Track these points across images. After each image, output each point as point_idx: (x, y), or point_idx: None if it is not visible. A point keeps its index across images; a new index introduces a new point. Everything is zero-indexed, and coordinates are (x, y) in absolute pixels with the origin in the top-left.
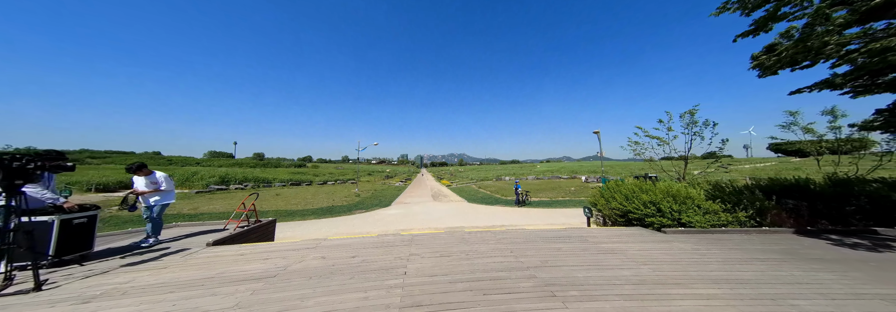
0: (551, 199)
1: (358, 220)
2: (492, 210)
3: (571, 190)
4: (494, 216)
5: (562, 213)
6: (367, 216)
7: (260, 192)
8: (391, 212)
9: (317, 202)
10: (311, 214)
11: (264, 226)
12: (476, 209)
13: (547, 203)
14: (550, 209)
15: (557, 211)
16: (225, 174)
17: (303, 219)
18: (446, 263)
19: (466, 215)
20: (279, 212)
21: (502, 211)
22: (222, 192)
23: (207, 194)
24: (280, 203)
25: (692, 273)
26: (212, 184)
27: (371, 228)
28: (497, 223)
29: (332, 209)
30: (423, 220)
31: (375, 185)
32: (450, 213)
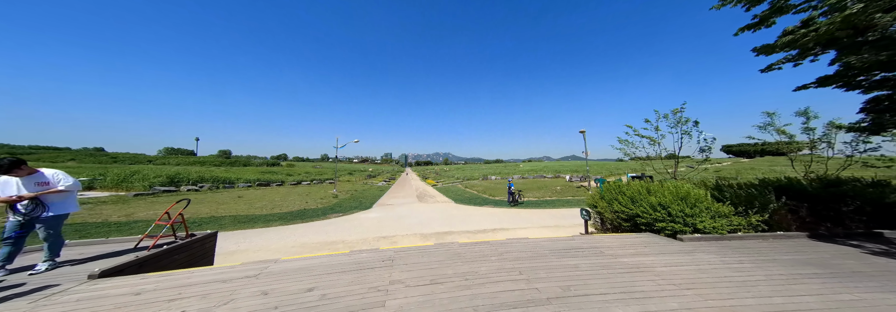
0: (539, 198)
1: (332, 226)
2: (481, 212)
3: (557, 189)
4: (485, 218)
5: (553, 214)
6: (343, 221)
7: (220, 194)
8: (372, 215)
9: (286, 205)
10: (277, 219)
11: (197, 243)
12: (465, 211)
13: (536, 203)
14: (541, 210)
15: (548, 212)
16: (176, 174)
17: (265, 226)
18: (441, 295)
19: (454, 217)
20: (237, 218)
21: (492, 212)
22: (169, 194)
23: (150, 196)
24: (240, 207)
25: (748, 300)
26: (157, 185)
27: (346, 235)
28: (489, 226)
29: (304, 213)
30: (408, 224)
31: (356, 185)
32: (437, 215)
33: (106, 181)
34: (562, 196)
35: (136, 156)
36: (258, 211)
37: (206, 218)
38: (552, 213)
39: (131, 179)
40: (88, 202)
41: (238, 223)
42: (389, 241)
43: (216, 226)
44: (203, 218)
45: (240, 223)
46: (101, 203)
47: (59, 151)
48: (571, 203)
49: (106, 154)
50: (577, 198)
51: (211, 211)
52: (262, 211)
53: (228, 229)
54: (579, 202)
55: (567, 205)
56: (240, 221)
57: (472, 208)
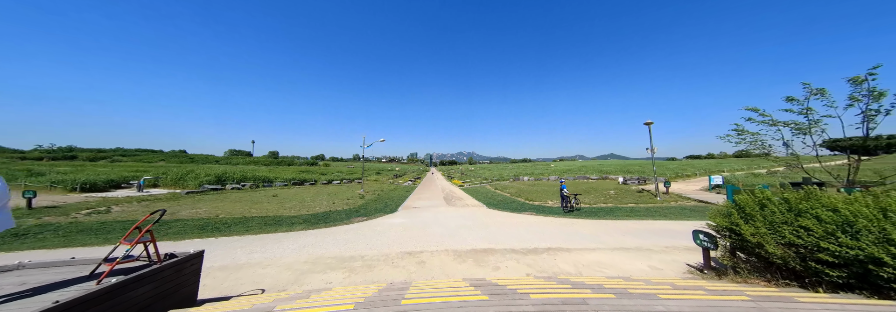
0: (592, 204)
1: (353, 233)
2: (521, 220)
3: (611, 193)
4: (530, 229)
5: (623, 227)
6: (366, 227)
7: (258, 193)
8: (396, 221)
9: (314, 206)
10: (302, 222)
11: (170, 269)
12: (501, 218)
13: (592, 211)
14: (602, 221)
15: (613, 225)
16: (223, 173)
17: (288, 230)
18: None
19: (489, 227)
20: (265, 220)
21: (536, 222)
22: (215, 193)
23: (199, 194)
24: (272, 207)
25: None
26: (206, 183)
27: (366, 248)
28: (541, 243)
29: (328, 216)
30: (436, 234)
31: (383, 185)
32: (468, 223)
33: (167, 180)
34: (621, 202)
35: (208, 157)
36: (287, 212)
37: (238, 218)
38: (621, 226)
39: (186, 177)
40: (146, 199)
41: (264, 226)
42: (415, 259)
43: (244, 228)
44: (235, 218)
45: (266, 226)
46: (157, 200)
47: (154, 153)
48: (640, 213)
49: (187, 155)
50: (645, 206)
51: (245, 211)
52: (291, 212)
53: (253, 232)
54: (651, 212)
55: (635, 215)
56: (267, 223)
57: (509, 215)
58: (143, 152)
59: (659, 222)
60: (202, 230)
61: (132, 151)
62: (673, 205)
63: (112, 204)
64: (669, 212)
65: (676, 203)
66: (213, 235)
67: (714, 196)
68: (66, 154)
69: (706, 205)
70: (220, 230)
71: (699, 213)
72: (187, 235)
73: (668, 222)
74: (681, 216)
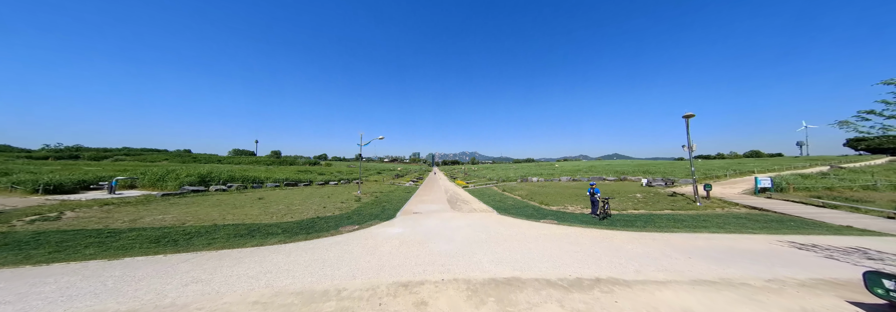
0: (621, 211)
1: (336, 249)
2: (544, 232)
3: (639, 197)
4: (560, 246)
5: (677, 244)
6: (354, 240)
7: (244, 195)
8: (393, 231)
9: (301, 211)
10: (280, 233)
11: None
12: (518, 228)
13: (628, 220)
14: (645, 234)
15: (661, 239)
16: (207, 173)
17: (260, 244)
18: None
19: (507, 241)
20: (237, 229)
21: (564, 235)
22: (196, 195)
23: (176, 197)
24: (253, 212)
25: None
26: (187, 184)
27: (346, 278)
28: (584, 271)
29: (314, 224)
30: (440, 253)
31: (383, 185)
32: (480, 235)
33: (144, 180)
34: (654, 208)
35: (211, 156)
36: (268, 218)
37: (206, 227)
38: (676, 242)
39: (166, 178)
40: (111, 202)
41: (232, 238)
42: (412, 298)
43: (207, 241)
44: (203, 227)
45: (235, 238)
46: (124, 204)
47: (158, 152)
48: (686, 223)
49: (191, 155)
50: (686, 213)
51: (219, 217)
52: (273, 218)
53: (216, 246)
54: (699, 222)
55: (682, 226)
56: (238, 233)
57: (527, 223)
58: (149, 151)
59: (719, 236)
60: (156, 243)
61: (137, 150)
62: (720, 212)
63: (69, 209)
64: (723, 222)
65: (724, 210)
66: (165, 250)
67: (766, 202)
68: (72, 153)
69: (763, 213)
70: (176, 244)
71: (764, 224)
72: (133, 250)
73: (731, 236)
74: (742, 227)
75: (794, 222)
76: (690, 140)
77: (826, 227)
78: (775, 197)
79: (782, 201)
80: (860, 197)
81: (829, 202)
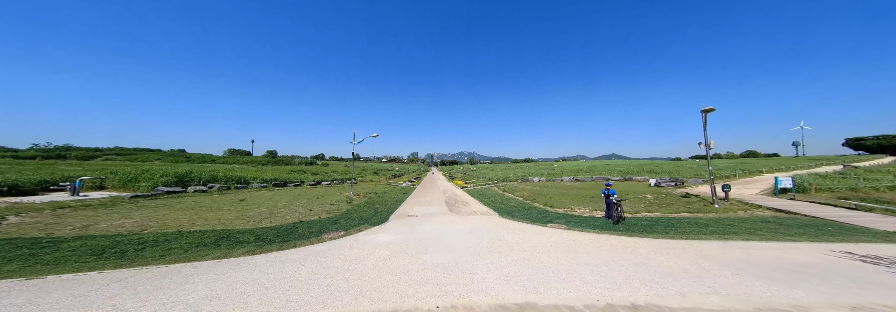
0: (634, 214)
1: (313, 263)
2: (555, 239)
3: (650, 199)
4: (577, 258)
5: (713, 255)
6: (336, 251)
7: (224, 196)
8: (383, 238)
9: (284, 214)
10: (253, 241)
11: None
12: (524, 235)
13: (645, 224)
14: (671, 242)
15: (693, 248)
16: (186, 173)
17: (224, 255)
18: None
19: (514, 251)
20: (203, 237)
21: (576, 242)
22: (171, 197)
23: (148, 198)
24: (228, 216)
25: None
26: (162, 185)
27: (308, 308)
28: (613, 293)
29: (293, 230)
30: (436, 268)
31: (378, 186)
32: (483, 244)
33: (115, 180)
34: (669, 211)
35: (205, 156)
36: (244, 223)
37: (168, 234)
38: (711, 253)
39: (139, 178)
40: (69, 205)
41: (194, 248)
42: None
43: (161, 252)
44: (165, 234)
45: (197, 248)
46: (83, 207)
47: (151, 152)
48: (711, 228)
49: (185, 155)
50: (705, 216)
51: (188, 222)
52: (249, 223)
53: (169, 260)
54: (726, 227)
55: (708, 232)
56: (203, 242)
57: (533, 228)
58: (141, 151)
59: (756, 244)
60: (98, 255)
61: (129, 150)
62: (743, 215)
63: (16, 213)
64: (753, 227)
65: (747, 213)
66: (104, 265)
67: (791, 204)
68: (59, 153)
69: (792, 216)
70: (121, 257)
71: (799, 229)
72: (65, 265)
73: (770, 244)
74: (776, 233)
75: (831, 227)
76: (708, 137)
77: (871, 233)
78: (799, 198)
79: (808, 202)
80: (891, 199)
81: (862, 205)
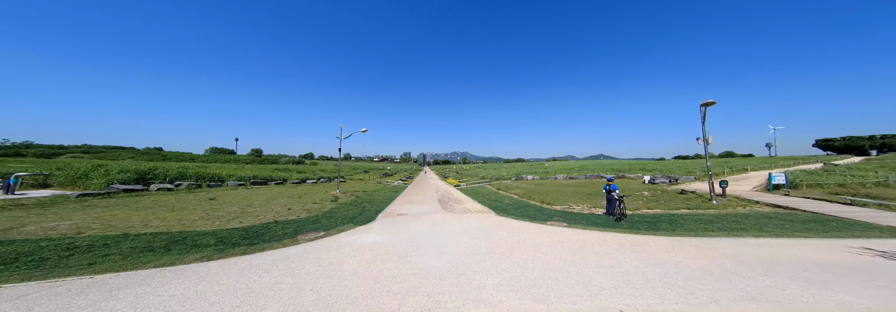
0: (634, 211)
1: (274, 273)
2: (557, 238)
3: (646, 195)
4: (587, 259)
5: (732, 254)
6: (311, 254)
7: (192, 195)
8: (367, 240)
9: (258, 214)
10: (213, 244)
11: None
12: (524, 234)
13: (648, 221)
14: (681, 239)
15: (707, 246)
16: (150, 169)
17: (173, 262)
18: None
19: (514, 252)
20: (155, 239)
21: (585, 243)
22: (128, 195)
23: (101, 197)
24: (190, 217)
25: None
26: (118, 182)
27: None
28: (637, 302)
29: (266, 232)
30: (427, 273)
31: (368, 184)
32: (479, 244)
33: (62, 177)
34: (669, 207)
35: (183, 155)
36: (207, 224)
37: (112, 237)
38: (728, 252)
39: (90, 174)
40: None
41: (135, 254)
42: None
43: (95, 257)
44: (108, 237)
45: (138, 255)
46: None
47: (124, 150)
48: (717, 225)
49: (161, 153)
50: (706, 212)
51: (141, 223)
52: (214, 224)
53: (98, 268)
54: (731, 223)
55: (715, 229)
56: (151, 246)
57: (532, 226)
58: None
59: (770, 241)
60: (7, 265)
61: (98, 147)
62: (744, 211)
63: None
64: (758, 224)
65: (746, 209)
66: (9, 278)
67: (786, 199)
68: (17, 151)
69: (792, 212)
70: (38, 266)
71: (804, 224)
72: None
73: (785, 241)
74: (783, 229)
75: (834, 222)
76: (706, 132)
77: (877, 228)
78: (793, 194)
79: (802, 198)
80: (878, 194)
81: (856, 200)
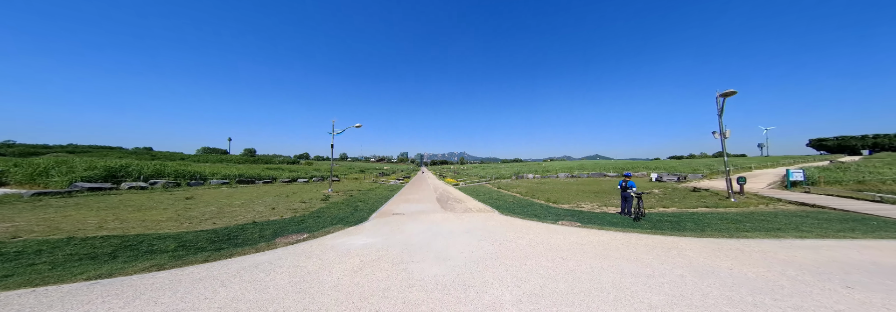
0: (649, 209)
1: (234, 287)
2: (574, 240)
3: (657, 193)
4: (620, 268)
5: (773, 254)
6: (284, 261)
7: (167, 194)
8: (355, 243)
9: (237, 213)
10: (169, 251)
11: None
12: (535, 235)
13: (671, 221)
14: (709, 240)
15: (745, 248)
16: (122, 166)
17: (108, 274)
18: None
19: (529, 255)
20: (105, 242)
21: (610, 245)
22: (93, 194)
23: (60, 196)
24: (159, 217)
25: None
26: (84, 180)
27: None
28: None
29: (241, 233)
30: (427, 285)
31: (363, 183)
32: (487, 247)
33: (18, 175)
34: (685, 206)
35: (173, 155)
36: (175, 226)
37: (53, 242)
38: (776, 254)
39: (50, 172)
40: None
41: (71, 263)
42: None
43: (17, 267)
44: (49, 242)
45: (75, 262)
46: None
47: (112, 149)
48: (748, 225)
49: (151, 153)
50: (727, 211)
51: (96, 225)
52: (183, 226)
53: (7, 283)
54: (762, 222)
55: (752, 229)
56: (92, 253)
57: (542, 226)
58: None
59: (821, 243)
60: None
61: (84, 147)
62: (768, 210)
63: None
64: (792, 223)
65: (769, 207)
66: None
67: (808, 197)
68: None
69: (821, 210)
70: None
71: (842, 223)
72: None
73: (838, 243)
74: (824, 229)
75: (875, 221)
76: (723, 125)
77: None
78: (814, 191)
79: (825, 195)
80: None
81: (886, 197)
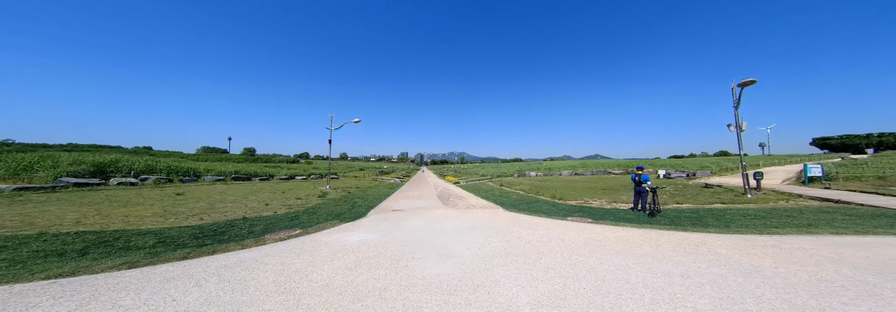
0: (663, 206)
1: (209, 287)
2: (588, 237)
3: (668, 190)
4: (651, 268)
5: (815, 251)
6: (272, 258)
7: (157, 190)
8: (351, 239)
9: (228, 210)
10: (146, 247)
11: None
12: (544, 231)
13: (690, 218)
14: (739, 237)
15: (781, 245)
16: (111, 162)
17: (70, 273)
18: None
19: (542, 252)
20: (78, 238)
21: (631, 242)
22: (80, 189)
23: (43, 191)
24: (144, 213)
25: None
26: (70, 174)
27: None
28: None
29: (229, 229)
30: (431, 285)
31: (362, 181)
32: (495, 244)
33: (1, 170)
34: (700, 202)
35: (172, 153)
36: (156, 222)
37: (21, 238)
38: (817, 250)
39: (34, 167)
40: None
41: (34, 260)
42: None
43: None
44: (18, 238)
45: (38, 259)
46: None
47: (111, 148)
48: (775, 221)
49: (150, 152)
50: (746, 207)
51: (74, 221)
52: (167, 221)
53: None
54: (788, 219)
55: (781, 225)
56: (63, 250)
57: (551, 222)
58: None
59: (860, 239)
60: None
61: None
62: (790, 206)
63: None
64: (825, 219)
65: (789, 203)
66: None
67: (829, 192)
68: None
69: (846, 206)
70: None
71: (877, 219)
72: None
73: (882, 239)
74: (859, 225)
75: None
76: (739, 117)
77: None
78: (834, 187)
79: (846, 191)
80: None
81: None
